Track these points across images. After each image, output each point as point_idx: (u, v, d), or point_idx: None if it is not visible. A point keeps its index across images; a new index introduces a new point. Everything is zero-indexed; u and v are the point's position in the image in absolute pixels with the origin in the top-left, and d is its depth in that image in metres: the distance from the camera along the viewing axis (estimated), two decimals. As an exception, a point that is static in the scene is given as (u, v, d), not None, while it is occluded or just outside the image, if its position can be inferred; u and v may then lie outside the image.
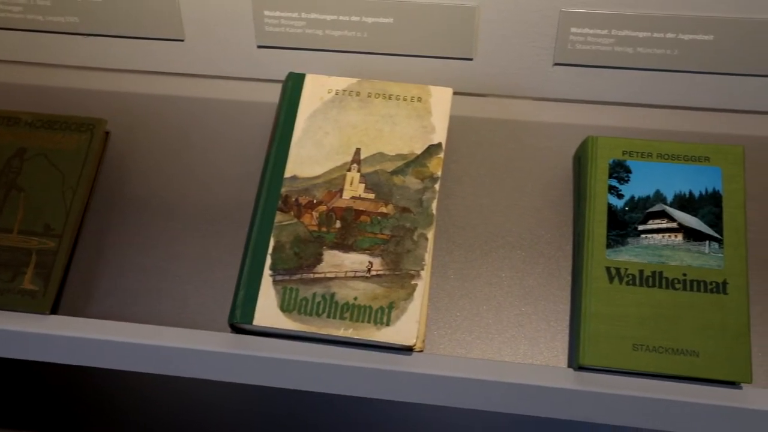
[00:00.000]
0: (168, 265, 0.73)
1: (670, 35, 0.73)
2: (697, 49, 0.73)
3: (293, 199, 0.70)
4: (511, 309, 0.70)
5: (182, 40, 0.80)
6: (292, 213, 0.69)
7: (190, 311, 0.71)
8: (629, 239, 0.67)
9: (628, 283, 0.66)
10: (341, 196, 0.70)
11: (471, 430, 0.95)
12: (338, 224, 0.69)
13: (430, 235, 0.68)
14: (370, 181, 0.70)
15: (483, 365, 0.65)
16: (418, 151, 0.71)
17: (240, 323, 0.66)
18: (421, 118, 0.73)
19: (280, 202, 0.70)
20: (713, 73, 0.74)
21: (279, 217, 0.69)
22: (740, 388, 0.63)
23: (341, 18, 0.76)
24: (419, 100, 0.74)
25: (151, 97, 0.82)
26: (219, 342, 0.66)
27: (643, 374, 0.64)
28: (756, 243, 0.70)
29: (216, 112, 0.80)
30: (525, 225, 0.74)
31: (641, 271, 0.66)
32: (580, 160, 0.73)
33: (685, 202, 0.68)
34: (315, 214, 0.69)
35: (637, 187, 0.69)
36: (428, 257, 0.68)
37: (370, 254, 0.67)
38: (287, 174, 0.71)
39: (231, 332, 0.68)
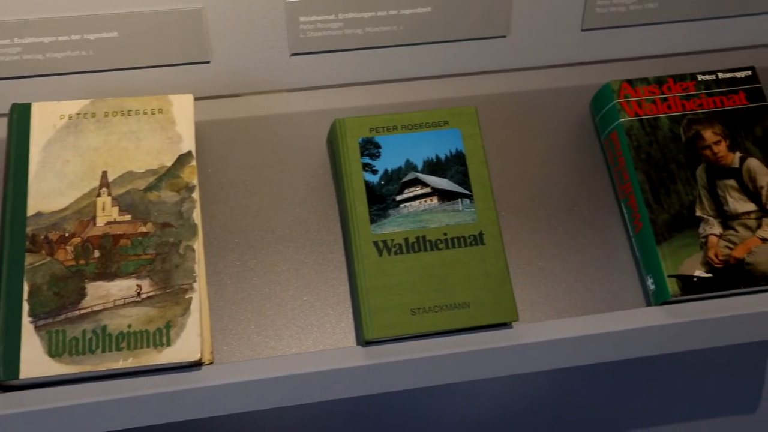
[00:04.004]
0: None
1: (392, 12, 0.76)
2: (419, 22, 0.77)
3: (42, 237, 0.65)
4: (293, 301, 0.71)
5: None
6: (43, 252, 0.65)
7: (-50, 380, 0.65)
8: (390, 211, 0.70)
9: (396, 253, 0.69)
10: (95, 224, 0.66)
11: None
12: (97, 254, 0.65)
13: (197, 245, 0.67)
14: (123, 203, 0.68)
15: (273, 363, 0.65)
16: (169, 163, 0.69)
17: (5, 381, 0.61)
18: (165, 129, 0.71)
19: (27, 243, 0.65)
20: (438, 42, 0.79)
21: (29, 258, 0.64)
22: (511, 327, 0.68)
23: (60, 39, 0.72)
24: (160, 111, 0.71)
25: None
26: (-15, 406, 0.61)
27: (426, 335, 0.67)
28: (498, 194, 0.75)
29: (-64, 159, 0.73)
30: (292, 216, 0.74)
31: (406, 239, 0.69)
32: (332, 144, 0.75)
33: (434, 167, 0.72)
34: (69, 248, 0.65)
35: (388, 161, 0.72)
36: (199, 268, 0.66)
37: (137, 277, 0.65)
38: (30, 212, 0.66)
39: (-1, 392, 0.63)
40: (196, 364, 0.64)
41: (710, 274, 0.69)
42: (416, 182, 0.71)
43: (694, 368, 0.92)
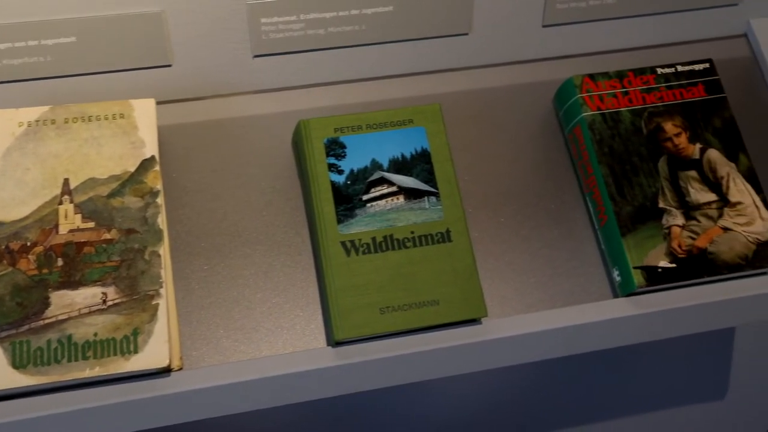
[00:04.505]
0: None
1: (354, 12, 0.76)
2: (381, 21, 0.77)
3: (3, 247, 0.64)
4: (262, 304, 0.71)
5: None
6: (5, 262, 0.64)
7: None
8: (357, 211, 0.70)
9: (364, 253, 0.69)
10: (57, 232, 0.65)
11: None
12: (60, 262, 0.64)
13: (163, 250, 0.66)
14: (86, 210, 0.67)
15: (243, 367, 0.65)
16: (132, 169, 0.69)
17: (-31, 394, 0.60)
18: (127, 134, 0.70)
19: (-12, 254, 0.64)
20: (401, 40, 0.79)
21: (-9, 269, 0.63)
22: (480, 323, 0.68)
23: (17, 45, 0.70)
24: (122, 116, 0.71)
25: None
26: (-51, 421, 0.60)
27: (396, 334, 0.67)
28: (465, 191, 0.76)
29: None
30: (259, 219, 0.74)
31: (374, 239, 0.69)
32: (297, 145, 0.74)
33: (399, 165, 0.72)
34: (32, 257, 0.64)
35: (354, 160, 0.72)
36: (165, 274, 0.66)
37: (102, 285, 0.64)
38: (-10, 221, 0.65)
39: (-37, 406, 0.62)
40: (165, 371, 0.64)
41: (674, 265, 0.70)
42: (382, 181, 0.71)
43: (662, 358, 0.93)
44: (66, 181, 0.67)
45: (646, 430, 0.97)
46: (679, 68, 0.78)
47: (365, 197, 0.70)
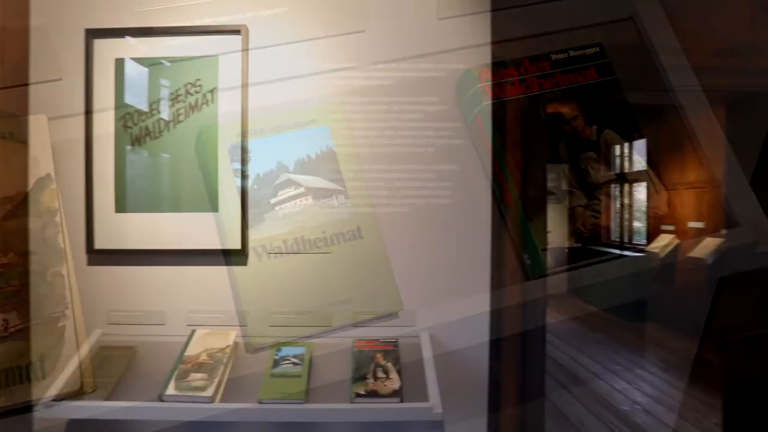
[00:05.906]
0: None
1: (249, 14, 0.75)
2: (276, 23, 0.76)
3: None
4: (177, 315, 0.69)
5: None
6: None
7: None
8: (266, 215, 0.69)
9: (276, 256, 0.68)
10: (-50, 261, 0.62)
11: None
12: (-45, 291, 0.61)
13: (66, 270, 0.64)
14: (-20, 235, 0.64)
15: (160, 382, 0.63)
16: (26, 189, 0.66)
17: None
18: (18, 153, 0.67)
19: None
20: (297, 41, 0.78)
21: None
22: (397, 317, 0.69)
23: None
24: (12, 134, 0.68)
25: None
26: None
27: (313, 336, 0.67)
28: (372, 188, 0.76)
29: None
30: (170, 228, 0.72)
31: (285, 241, 0.69)
32: (200, 153, 0.73)
33: (306, 166, 0.72)
34: (-77, 288, 0.61)
35: (259, 164, 0.71)
36: (71, 294, 0.64)
37: (2, 311, 0.61)
38: None
39: None
40: (77, 394, 0.62)
41: (579, 244, 0.72)
42: (289, 183, 0.71)
43: (581, 333, 0.96)
44: (-44, 207, 0.64)
45: (563, 404, 0.99)
46: (572, 53, 0.80)
47: (273, 200, 0.70)
